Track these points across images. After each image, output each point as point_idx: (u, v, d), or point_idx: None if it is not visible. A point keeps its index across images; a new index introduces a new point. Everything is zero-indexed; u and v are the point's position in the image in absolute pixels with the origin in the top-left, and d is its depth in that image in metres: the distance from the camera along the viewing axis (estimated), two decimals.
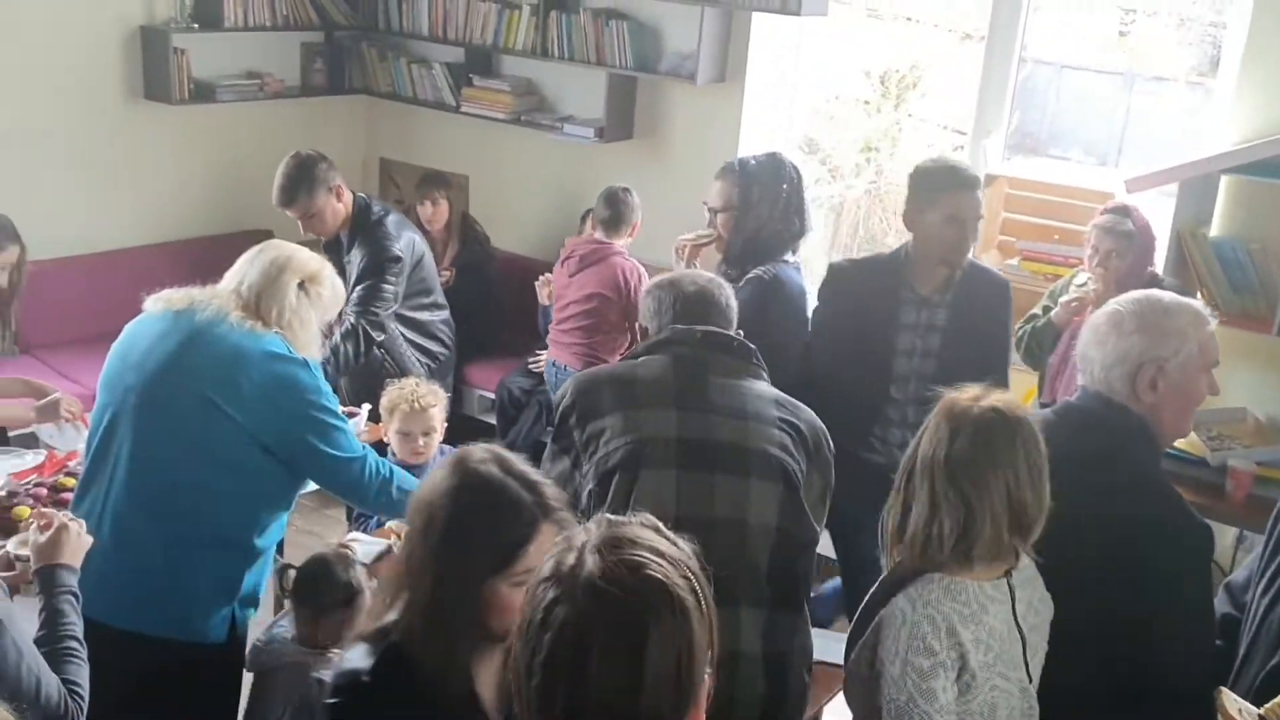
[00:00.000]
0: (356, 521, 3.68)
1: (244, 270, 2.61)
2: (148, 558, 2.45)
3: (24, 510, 3.05)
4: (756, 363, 2.38)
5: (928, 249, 3.15)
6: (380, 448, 3.20)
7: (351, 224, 4.20)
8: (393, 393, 3.57)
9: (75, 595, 2.10)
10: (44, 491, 3.14)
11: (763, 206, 3.34)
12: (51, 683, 1.90)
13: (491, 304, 5.14)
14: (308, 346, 2.60)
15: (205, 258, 4.33)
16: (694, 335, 2.34)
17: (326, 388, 2.59)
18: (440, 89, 5.59)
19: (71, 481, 3.26)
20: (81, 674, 2.00)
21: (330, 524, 4.70)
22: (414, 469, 3.43)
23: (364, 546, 3.21)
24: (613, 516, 1.33)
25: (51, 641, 2.00)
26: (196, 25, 5.13)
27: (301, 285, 2.61)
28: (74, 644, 2.03)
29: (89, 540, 2.19)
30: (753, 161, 3.45)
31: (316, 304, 2.64)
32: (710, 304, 2.41)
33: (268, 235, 5.54)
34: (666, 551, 1.29)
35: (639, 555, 1.26)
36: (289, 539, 4.43)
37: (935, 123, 6.34)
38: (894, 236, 5.74)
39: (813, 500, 2.30)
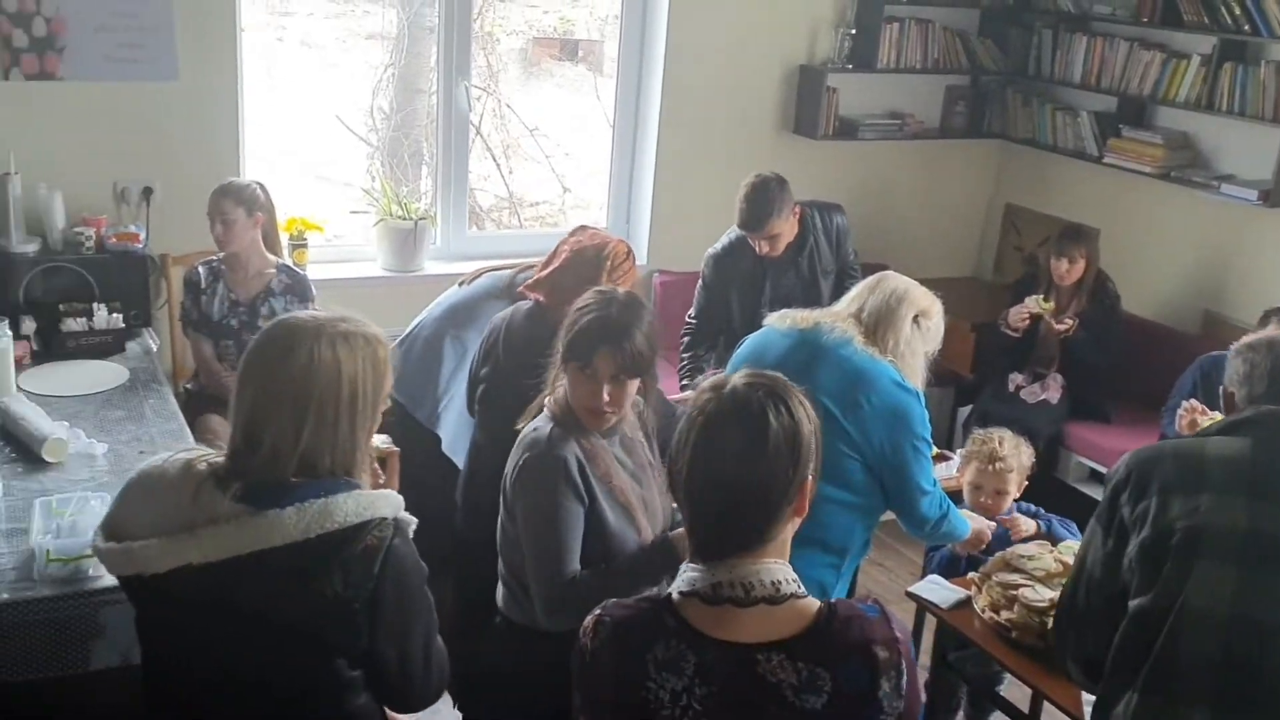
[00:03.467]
0: (926, 559, 3.63)
1: (864, 297, 2.79)
2: None
3: None
4: None
5: None
6: None
7: (822, 232, 4.28)
8: (978, 440, 3.49)
9: None
10: None
11: None
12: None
13: (1108, 368, 4.82)
14: (914, 375, 2.73)
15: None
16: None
17: (928, 421, 2.70)
18: (1083, 138, 5.37)
19: None
20: None
21: (901, 561, 4.70)
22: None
23: (941, 591, 3.16)
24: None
25: None
26: (851, 66, 5.38)
27: (915, 319, 2.74)
28: None
29: None
30: None
31: (926, 336, 2.78)
32: None
33: (882, 268, 5.67)
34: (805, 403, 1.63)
35: (777, 389, 1.62)
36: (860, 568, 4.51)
37: None
38: None
39: None
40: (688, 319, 4.31)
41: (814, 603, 1.55)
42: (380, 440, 2.05)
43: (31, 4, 4.07)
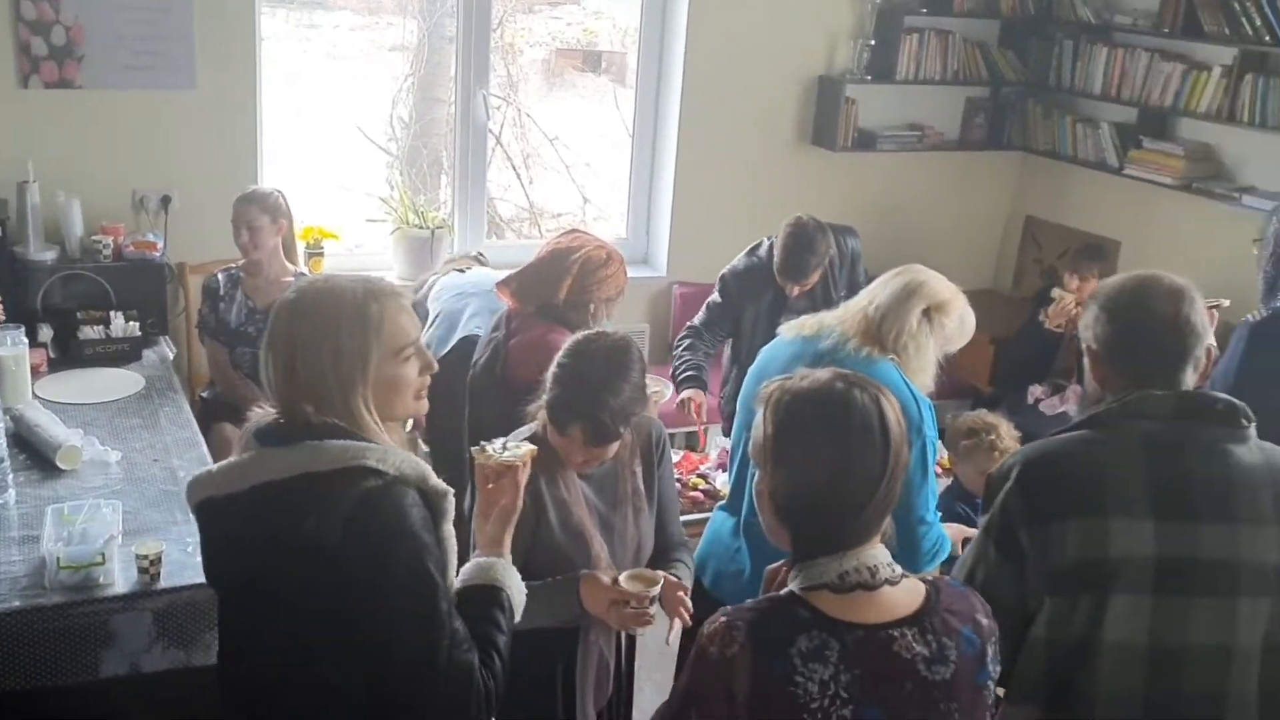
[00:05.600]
0: None
1: (877, 290, 2.68)
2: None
3: None
4: (1245, 422, 1.90)
5: None
6: None
7: (838, 257, 4.22)
8: (976, 431, 3.43)
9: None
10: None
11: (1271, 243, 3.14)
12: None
13: None
14: (919, 374, 2.60)
15: None
16: (1168, 405, 1.89)
17: (933, 432, 2.58)
18: (1104, 149, 5.33)
19: (700, 482, 3.55)
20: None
21: None
22: None
23: None
24: None
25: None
26: (870, 77, 5.36)
27: (926, 312, 2.62)
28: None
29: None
30: None
31: (938, 333, 2.64)
32: (1186, 334, 1.93)
33: None
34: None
35: (867, 381, 1.66)
36: None
37: None
38: None
39: None
40: (688, 325, 4.24)
41: (918, 581, 1.62)
42: (510, 452, 1.97)
43: (51, 12, 4.11)
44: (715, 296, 4.20)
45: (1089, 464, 1.89)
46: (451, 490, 1.79)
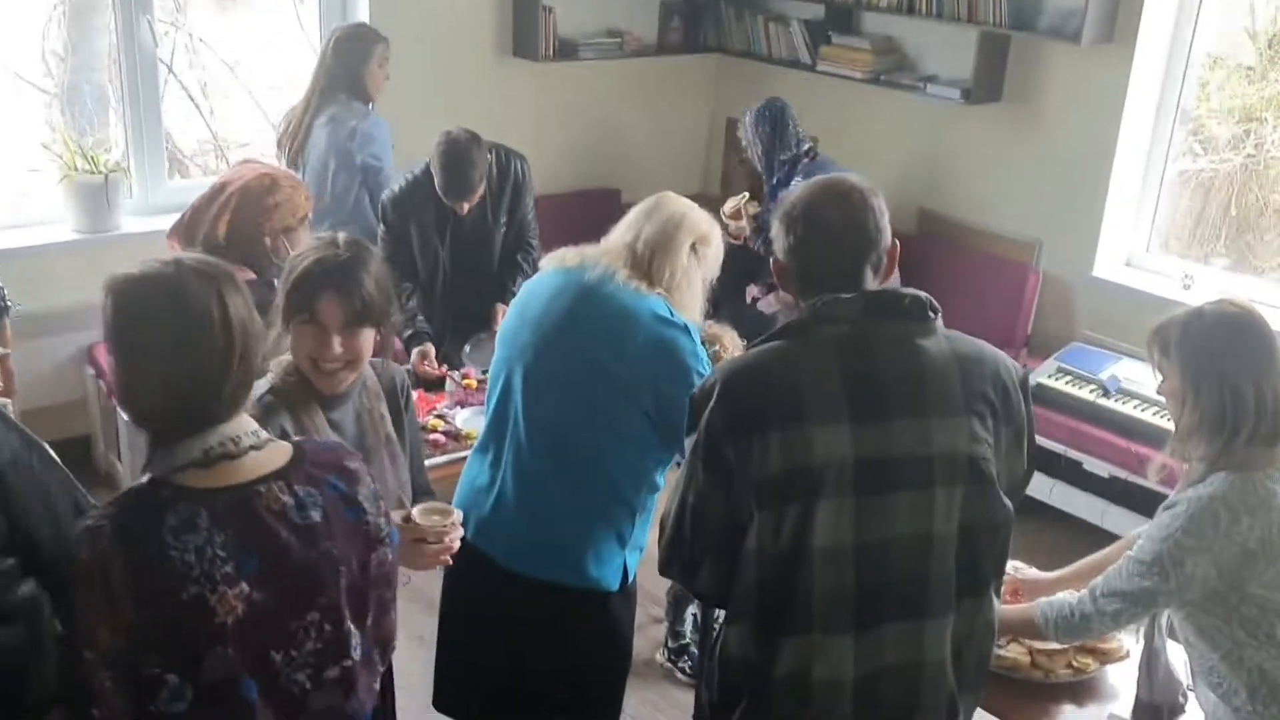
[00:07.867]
0: None
1: (640, 224, 2.58)
2: (550, 510, 2.52)
3: None
4: (932, 315, 1.99)
5: None
6: None
7: (498, 179, 4.05)
8: (707, 331, 3.50)
9: None
10: None
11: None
12: None
13: None
14: (690, 309, 2.57)
15: (560, 213, 4.43)
16: (856, 307, 1.94)
17: (704, 353, 2.55)
18: (796, 47, 5.46)
19: (439, 423, 3.42)
20: None
21: None
22: None
23: None
24: None
25: None
26: None
27: (693, 246, 2.57)
28: None
29: None
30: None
31: (703, 264, 2.61)
32: (859, 244, 1.97)
33: (615, 194, 5.63)
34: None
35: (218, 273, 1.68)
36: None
37: None
38: (1271, 216, 5.10)
39: (1002, 456, 1.98)
40: None
41: (287, 444, 1.75)
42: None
43: None
44: (383, 227, 4.02)
45: (786, 374, 1.92)
46: (7, 402, 1.89)
